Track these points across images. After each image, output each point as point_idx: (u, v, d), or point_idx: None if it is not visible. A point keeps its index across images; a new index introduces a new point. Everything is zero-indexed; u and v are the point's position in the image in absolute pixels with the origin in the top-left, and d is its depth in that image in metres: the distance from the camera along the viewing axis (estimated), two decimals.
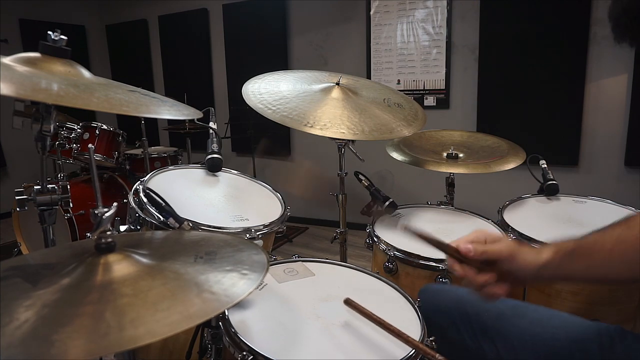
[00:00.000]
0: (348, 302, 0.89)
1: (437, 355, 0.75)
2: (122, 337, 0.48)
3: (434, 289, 1.01)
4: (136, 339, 0.48)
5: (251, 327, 0.84)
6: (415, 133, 1.46)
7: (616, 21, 0.70)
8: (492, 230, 1.41)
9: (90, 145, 2.84)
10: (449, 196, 1.78)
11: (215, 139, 1.52)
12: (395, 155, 1.70)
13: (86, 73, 0.92)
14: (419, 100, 3.48)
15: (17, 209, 1.10)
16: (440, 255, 1.23)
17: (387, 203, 1.50)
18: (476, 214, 1.57)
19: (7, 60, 0.82)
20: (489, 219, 1.51)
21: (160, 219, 1.14)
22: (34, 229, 2.63)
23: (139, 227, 1.21)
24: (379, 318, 0.84)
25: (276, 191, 1.53)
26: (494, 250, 0.76)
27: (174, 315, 0.53)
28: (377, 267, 1.39)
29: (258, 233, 1.23)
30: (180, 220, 1.13)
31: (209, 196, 1.41)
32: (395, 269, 1.31)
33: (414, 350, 0.79)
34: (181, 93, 3.30)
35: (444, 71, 3.40)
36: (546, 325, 0.89)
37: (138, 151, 3.29)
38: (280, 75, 1.54)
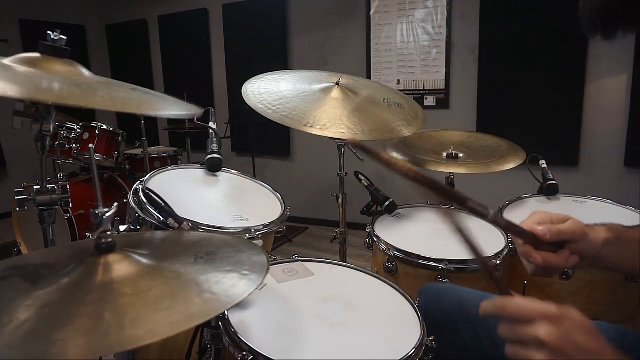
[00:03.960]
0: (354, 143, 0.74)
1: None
2: (122, 337, 0.48)
3: (434, 288, 1.00)
4: (137, 338, 0.48)
5: (251, 327, 0.84)
6: (415, 133, 1.46)
7: (590, 15, 0.69)
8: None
9: (90, 145, 2.84)
10: None
11: (215, 139, 1.52)
12: (395, 155, 1.70)
13: (86, 73, 0.92)
14: (419, 100, 3.48)
15: (17, 209, 1.10)
16: (440, 255, 1.25)
17: (387, 203, 1.50)
18: None
19: (7, 60, 0.82)
20: None
21: (159, 219, 1.14)
22: (34, 229, 2.63)
23: (138, 227, 1.21)
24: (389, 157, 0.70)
25: (276, 191, 1.53)
26: (567, 229, 0.73)
27: (175, 315, 0.53)
28: (377, 267, 1.39)
29: (258, 233, 1.23)
30: (179, 220, 1.13)
31: (209, 196, 1.41)
32: (395, 269, 1.31)
33: (413, 350, 0.79)
34: (181, 93, 3.27)
35: (444, 71, 3.40)
36: None
37: (138, 151, 3.29)
38: (280, 75, 1.54)
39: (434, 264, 1.24)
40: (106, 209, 0.65)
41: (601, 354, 0.57)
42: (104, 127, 2.95)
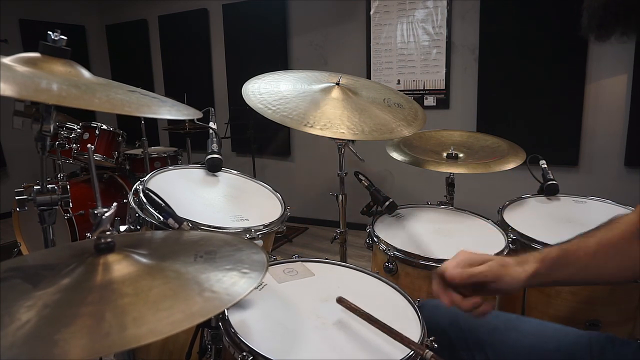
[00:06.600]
0: (341, 301, 0.89)
1: (428, 352, 0.76)
2: (124, 337, 0.49)
3: (429, 304, 1.01)
4: (138, 338, 0.48)
5: (251, 327, 0.84)
6: (415, 133, 1.46)
7: (590, 13, 0.70)
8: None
9: (89, 145, 2.84)
10: (449, 196, 1.78)
11: (215, 139, 1.52)
12: (395, 155, 1.70)
13: (86, 73, 0.92)
14: (419, 100, 3.49)
15: (17, 209, 1.10)
16: (440, 255, 1.25)
17: (387, 203, 1.50)
18: (476, 214, 1.57)
19: (7, 60, 0.82)
20: (489, 219, 1.51)
21: (159, 219, 1.14)
22: (34, 229, 2.62)
23: (138, 227, 1.21)
24: (371, 316, 0.84)
25: (276, 191, 1.53)
26: (479, 273, 0.77)
27: (176, 314, 0.53)
28: (377, 267, 1.39)
29: (258, 233, 1.23)
30: (179, 220, 1.13)
31: (209, 196, 1.41)
32: (395, 269, 1.31)
33: (413, 351, 0.79)
34: (181, 93, 3.30)
35: (444, 71, 3.40)
36: (538, 337, 0.91)
37: (138, 151, 3.29)
38: (280, 75, 1.54)
39: (434, 264, 1.24)
40: (105, 209, 0.65)
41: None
42: (104, 127, 2.95)
